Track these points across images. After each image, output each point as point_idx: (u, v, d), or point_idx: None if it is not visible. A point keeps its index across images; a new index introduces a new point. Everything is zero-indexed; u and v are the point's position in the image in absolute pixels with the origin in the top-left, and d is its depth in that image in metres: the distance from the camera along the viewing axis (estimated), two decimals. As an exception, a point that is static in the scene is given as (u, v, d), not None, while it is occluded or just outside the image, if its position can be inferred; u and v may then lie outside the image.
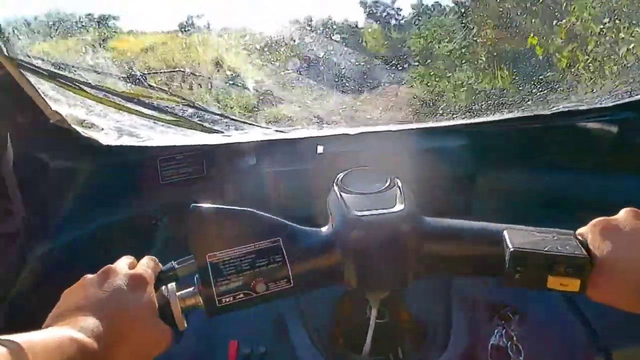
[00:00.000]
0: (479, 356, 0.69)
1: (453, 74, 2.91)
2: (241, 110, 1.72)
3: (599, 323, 0.72)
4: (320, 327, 0.77)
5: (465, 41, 2.99)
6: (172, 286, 0.50)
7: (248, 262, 0.50)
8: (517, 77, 2.57)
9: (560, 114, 1.08)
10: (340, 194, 0.57)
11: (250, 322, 0.75)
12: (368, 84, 2.46)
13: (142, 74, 1.33)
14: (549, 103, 1.30)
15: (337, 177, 0.62)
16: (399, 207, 0.52)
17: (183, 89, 1.70)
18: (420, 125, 1.18)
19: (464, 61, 2.94)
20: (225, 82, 1.80)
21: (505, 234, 0.48)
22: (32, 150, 0.88)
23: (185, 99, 1.27)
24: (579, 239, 0.46)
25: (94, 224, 0.96)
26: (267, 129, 1.22)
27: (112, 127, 1.08)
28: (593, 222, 0.47)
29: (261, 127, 1.25)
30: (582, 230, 0.48)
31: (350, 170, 0.64)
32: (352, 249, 0.51)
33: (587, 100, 1.15)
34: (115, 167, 1.02)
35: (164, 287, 0.50)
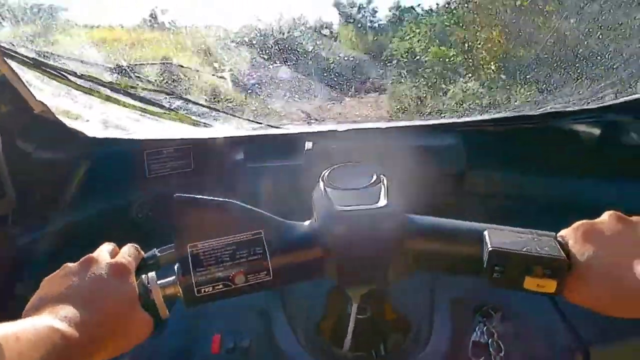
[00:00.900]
0: (460, 352, 0.69)
1: (441, 74, 2.93)
2: (229, 103, 1.70)
3: (579, 320, 0.73)
4: (306, 321, 0.77)
5: (453, 42, 3.00)
6: (153, 275, 0.50)
7: (228, 253, 0.49)
8: (504, 77, 2.59)
9: (548, 115, 1.09)
10: (325, 189, 0.56)
11: (235, 315, 0.75)
12: (357, 80, 2.46)
13: (129, 65, 1.31)
14: (537, 104, 1.31)
15: (324, 173, 0.61)
16: (382, 203, 0.52)
17: (170, 80, 1.67)
18: (408, 123, 1.18)
19: (452, 61, 2.96)
20: (213, 75, 1.79)
21: (485, 233, 0.48)
22: (15, 139, 0.86)
23: (173, 92, 1.25)
24: (559, 241, 0.47)
25: (78, 214, 0.95)
26: (256, 124, 1.22)
27: (98, 118, 1.06)
28: (575, 224, 0.47)
29: (249, 121, 1.24)
30: (563, 233, 0.48)
31: (337, 165, 0.63)
32: (332, 243, 0.51)
33: (575, 102, 1.16)
34: (100, 159, 1.01)
35: (144, 276, 0.49)
